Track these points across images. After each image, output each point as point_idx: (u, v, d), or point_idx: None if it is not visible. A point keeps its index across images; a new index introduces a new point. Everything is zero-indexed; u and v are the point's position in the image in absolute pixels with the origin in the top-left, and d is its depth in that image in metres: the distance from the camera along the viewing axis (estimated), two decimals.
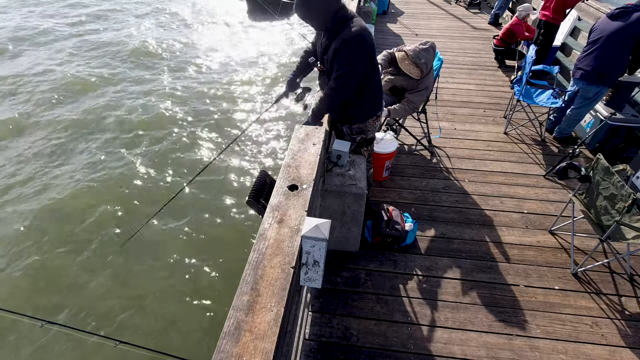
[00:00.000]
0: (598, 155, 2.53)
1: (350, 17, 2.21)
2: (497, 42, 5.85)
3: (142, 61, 8.19)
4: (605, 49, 3.47)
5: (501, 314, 2.36)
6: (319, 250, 1.35)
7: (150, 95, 6.89)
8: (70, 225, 4.29)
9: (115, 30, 9.82)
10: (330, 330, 2.25)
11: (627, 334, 2.26)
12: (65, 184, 4.84)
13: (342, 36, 2.16)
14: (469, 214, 3.14)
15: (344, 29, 2.17)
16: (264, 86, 7.40)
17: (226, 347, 1.00)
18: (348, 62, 2.20)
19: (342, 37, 2.16)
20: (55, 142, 5.60)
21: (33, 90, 6.88)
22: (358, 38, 2.16)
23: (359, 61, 2.23)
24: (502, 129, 4.30)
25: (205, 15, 11.30)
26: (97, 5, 11.36)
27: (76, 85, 7.09)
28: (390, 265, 2.68)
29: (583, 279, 2.61)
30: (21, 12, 10.66)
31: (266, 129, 6.11)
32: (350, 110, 2.50)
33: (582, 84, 3.67)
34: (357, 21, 2.20)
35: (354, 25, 2.17)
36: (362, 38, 2.18)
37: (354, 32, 2.15)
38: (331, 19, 2.18)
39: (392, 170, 3.59)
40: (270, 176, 2.19)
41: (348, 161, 2.55)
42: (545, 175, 3.58)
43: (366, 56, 2.26)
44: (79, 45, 8.81)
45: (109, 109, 6.47)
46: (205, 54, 8.68)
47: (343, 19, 2.20)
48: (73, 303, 3.53)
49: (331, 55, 2.23)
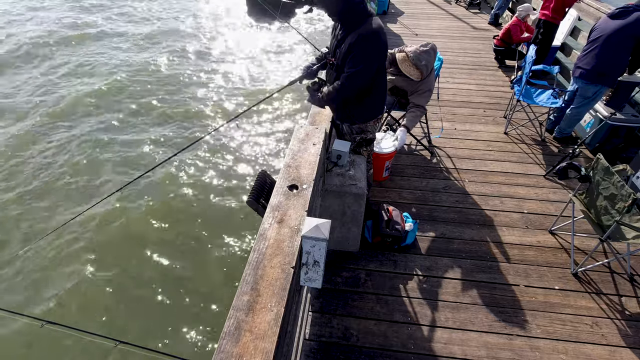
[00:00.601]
0: (598, 155, 2.53)
1: (370, 13, 2.19)
2: (497, 42, 5.86)
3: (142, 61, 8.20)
4: (605, 48, 3.47)
5: (501, 314, 2.36)
6: (319, 250, 1.35)
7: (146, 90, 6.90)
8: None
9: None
10: (330, 330, 2.25)
11: (627, 334, 2.26)
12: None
13: (360, 31, 2.12)
14: (469, 214, 3.14)
15: (363, 24, 2.14)
16: (264, 86, 7.40)
17: (226, 347, 1.00)
18: (362, 60, 2.17)
19: (360, 32, 2.12)
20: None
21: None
22: (375, 36, 2.14)
23: (372, 60, 2.21)
24: (502, 129, 4.30)
25: (205, 15, 11.30)
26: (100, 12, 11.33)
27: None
28: (390, 265, 2.68)
29: (583, 279, 2.61)
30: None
31: (266, 128, 6.11)
32: (353, 109, 2.49)
33: (581, 83, 3.67)
34: (376, 19, 2.19)
35: (372, 22, 2.15)
36: (379, 37, 2.16)
37: (372, 29, 2.12)
38: (352, 8, 2.12)
39: (392, 170, 3.59)
40: (270, 176, 2.19)
41: (348, 161, 2.55)
42: (546, 175, 3.58)
43: (379, 56, 2.25)
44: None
45: (111, 111, 6.47)
46: (205, 54, 8.68)
47: (364, 12, 2.16)
48: (73, 303, 3.54)
49: (345, 49, 2.19)
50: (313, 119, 2.68)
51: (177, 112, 6.46)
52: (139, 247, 4.07)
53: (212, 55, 8.66)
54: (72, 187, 4.82)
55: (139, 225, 4.32)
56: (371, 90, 2.40)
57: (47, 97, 6.72)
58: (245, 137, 5.86)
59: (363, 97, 2.41)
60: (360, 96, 2.40)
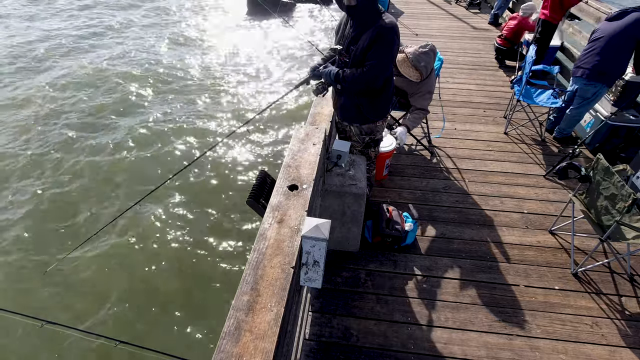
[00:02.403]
0: (598, 155, 2.53)
1: (382, 11, 2.22)
2: (501, 42, 5.80)
3: (143, 60, 8.20)
4: (606, 48, 3.48)
5: (501, 314, 2.36)
6: (319, 250, 1.35)
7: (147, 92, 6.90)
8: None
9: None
10: (330, 330, 2.25)
11: (627, 334, 2.26)
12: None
13: (378, 27, 2.13)
14: (469, 214, 3.14)
15: (379, 20, 2.16)
16: (264, 85, 7.40)
17: (226, 347, 1.00)
18: (384, 53, 2.20)
19: (378, 27, 2.13)
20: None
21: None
22: (394, 31, 2.17)
23: (392, 54, 2.26)
24: (502, 129, 4.30)
25: (205, 15, 11.30)
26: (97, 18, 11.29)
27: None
28: (390, 265, 2.68)
29: (583, 279, 2.61)
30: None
31: (267, 128, 6.11)
32: (366, 107, 2.46)
33: (580, 83, 3.67)
34: (389, 16, 2.21)
35: (387, 17, 2.18)
36: (396, 33, 2.19)
37: (390, 24, 2.15)
38: (370, 5, 2.13)
39: (392, 170, 3.59)
40: (270, 176, 2.19)
41: (348, 161, 2.55)
42: (546, 175, 3.58)
43: (396, 52, 2.28)
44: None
45: (117, 112, 6.48)
46: (204, 54, 8.68)
47: (378, 10, 2.19)
48: (72, 302, 3.54)
49: (364, 44, 2.19)
50: (313, 119, 2.67)
51: (179, 113, 6.46)
52: (139, 247, 4.07)
53: (212, 56, 8.66)
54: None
55: (139, 225, 4.32)
56: (383, 87, 2.41)
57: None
58: (245, 136, 5.86)
59: (376, 94, 2.41)
60: (374, 92, 2.40)
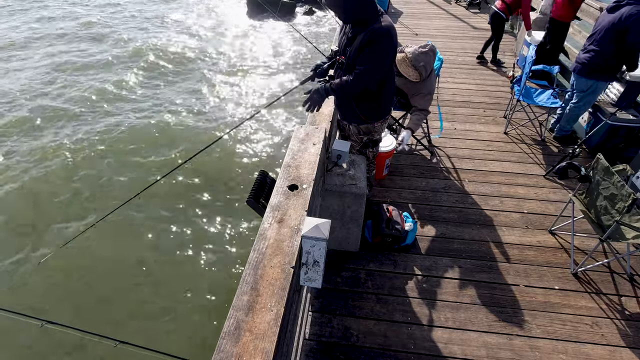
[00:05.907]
0: (598, 155, 2.53)
1: (381, 12, 2.19)
2: (502, 7, 5.55)
3: (144, 62, 8.20)
4: (598, 42, 3.48)
5: (501, 314, 2.36)
6: (319, 250, 1.35)
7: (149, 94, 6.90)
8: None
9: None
10: (330, 330, 2.25)
11: (627, 334, 2.26)
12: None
13: (371, 30, 2.10)
14: (469, 214, 3.14)
15: (375, 22, 2.13)
16: (264, 85, 7.40)
17: (226, 347, 1.00)
18: (373, 59, 2.15)
19: (371, 30, 2.10)
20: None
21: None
22: (386, 35, 2.13)
23: (383, 59, 2.20)
24: (502, 129, 4.30)
25: (205, 14, 11.30)
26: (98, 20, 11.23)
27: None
28: (390, 265, 2.68)
29: (583, 278, 2.61)
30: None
31: (267, 128, 6.10)
32: (364, 108, 2.45)
33: (577, 77, 3.70)
34: (386, 18, 2.18)
35: (384, 20, 2.15)
36: (390, 36, 2.16)
37: (383, 27, 2.12)
38: (364, 7, 2.10)
39: (392, 170, 3.59)
40: (270, 176, 2.19)
41: (348, 161, 2.55)
42: (545, 175, 3.58)
43: (390, 56, 2.24)
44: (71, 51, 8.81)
45: (117, 113, 6.47)
46: (205, 54, 8.68)
47: (375, 11, 2.15)
48: (72, 302, 3.53)
49: (356, 47, 2.17)
50: (313, 118, 2.67)
51: (178, 112, 6.46)
52: (139, 247, 4.07)
53: (212, 56, 8.66)
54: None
55: (139, 226, 4.32)
56: (382, 89, 2.38)
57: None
58: (245, 136, 5.86)
59: (374, 96, 2.39)
60: (371, 95, 2.38)
